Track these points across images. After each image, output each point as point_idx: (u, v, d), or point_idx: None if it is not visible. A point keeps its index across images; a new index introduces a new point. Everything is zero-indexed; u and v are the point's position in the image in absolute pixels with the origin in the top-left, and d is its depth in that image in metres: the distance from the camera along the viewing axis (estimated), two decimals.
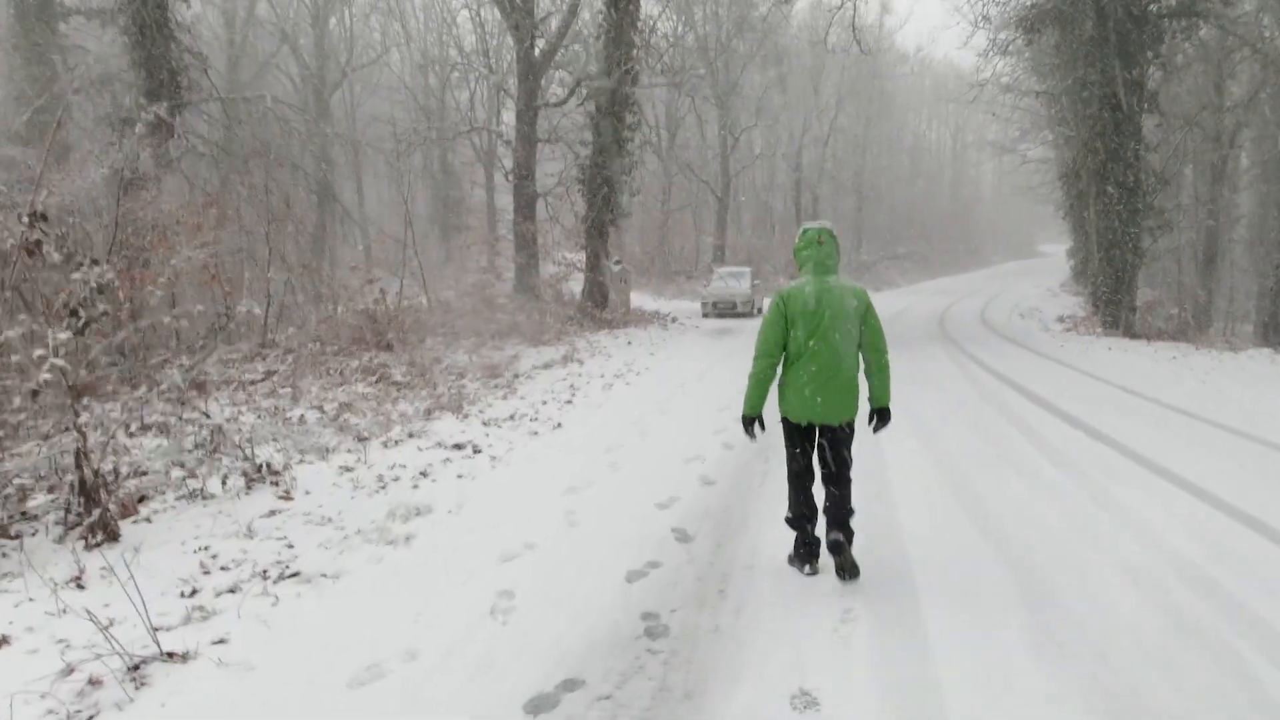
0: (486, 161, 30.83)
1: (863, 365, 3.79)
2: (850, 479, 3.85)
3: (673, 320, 19.44)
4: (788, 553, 4.02)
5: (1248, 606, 3.49)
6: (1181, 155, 21.90)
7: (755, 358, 3.76)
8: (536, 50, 18.57)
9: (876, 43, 37.77)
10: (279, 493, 4.91)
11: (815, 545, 3.87)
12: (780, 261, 35.94)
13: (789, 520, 3.94)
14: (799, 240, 3.86)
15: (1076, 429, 7.14)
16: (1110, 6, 16.12)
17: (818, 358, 3.65)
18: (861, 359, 3.78)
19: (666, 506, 4.95)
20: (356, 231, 26.46)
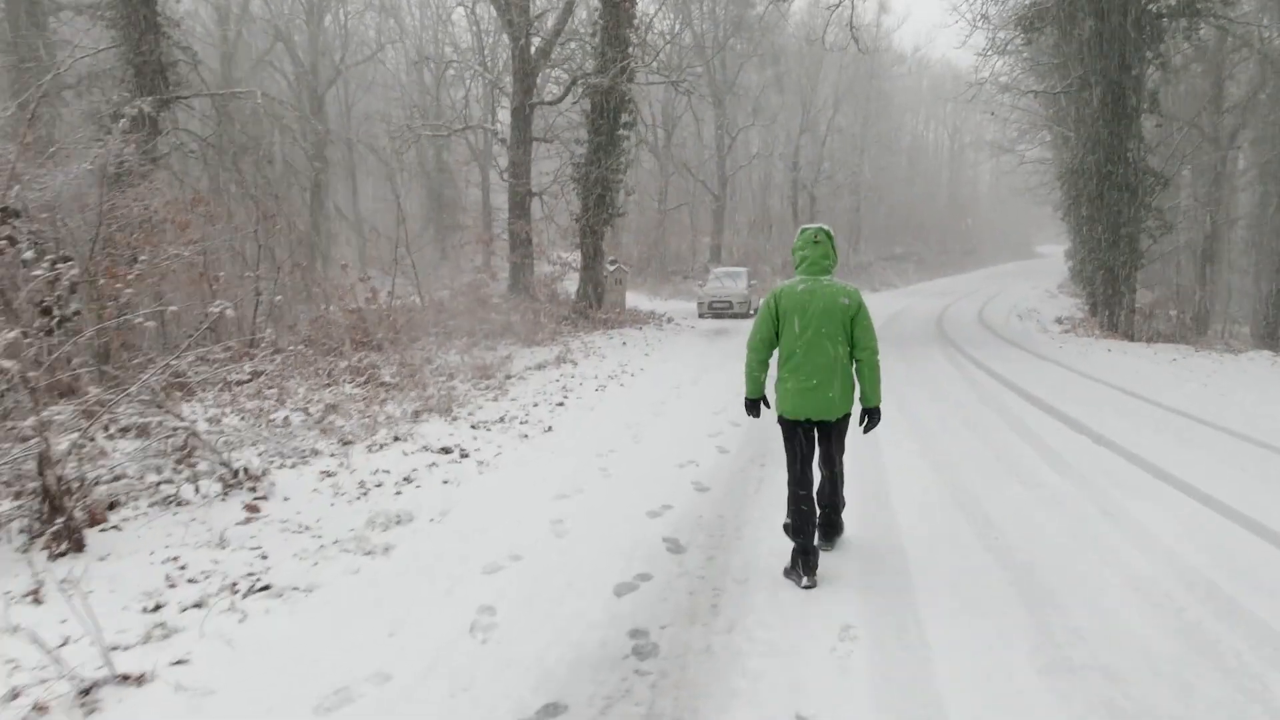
0: (482, 160, 30.66)
1: (854, 364, 3.86)
2: (843, 470, 4.00)
3: (668, 320, 19.25)
4: (784, 565, 3.89)
5: (1259, 617, 3.34)
6: (1180, 156, 21.79)
7: (748, 351, 3.94)
8: (532, 48, 18.38)
9: (874, 42, 37.62)
10: (253, 499, 4.72)
11: (813, 556, 3.77)
12: (777, 262, 35.77)
13: (787, 528, 3.87)
14: (797, 240, 3.93)
15: (1080, 434, 6.97)
16: (1109, 5, 15.98)
17: (810, 355, 3.72)
18: (853, 358, 3.83)
19: (658, 514, 4.78)
20: (347, 230, 26.25)
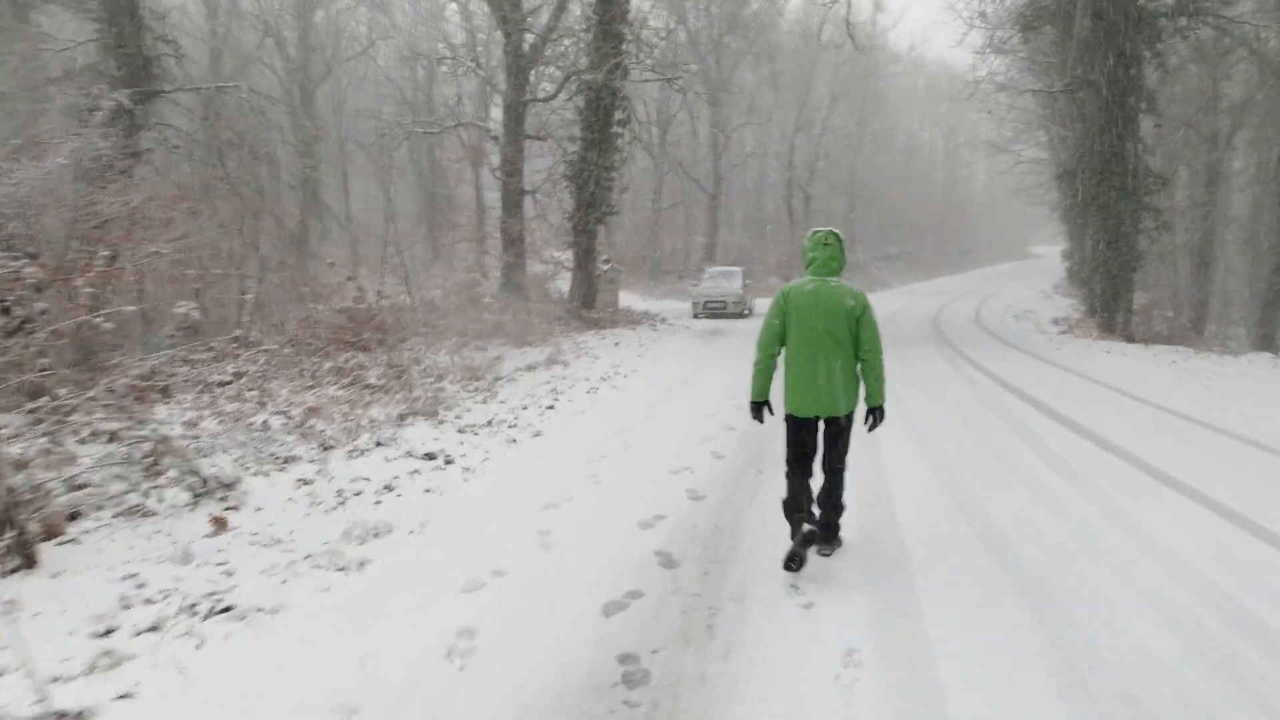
0: (474, 158, 30.34)
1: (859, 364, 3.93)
2: (845, 469, 4.01)
3: (662, 321, 19.01)
4: (783, 581, 3.72)
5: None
6: (1177, 157, 21.66)
7: (757, 349, 3.97)
8: (525, 44, 18.12)
9: (870, 40, 37.43)
10: (224, 510, 4.47)
11: (808, 529, 3.97)
12: (772, 261, 35.59)
13: (784, 504, 4.04)
14: (807, 241, 4.02)
15: (1086, 439, 6.77)
16: (1108, 4, 15.81)
17: (816, 353, 3.80)
18: (858, 358, 3.90)
19: (650, 525, 4.55)
20: (336, 229, 25.93)
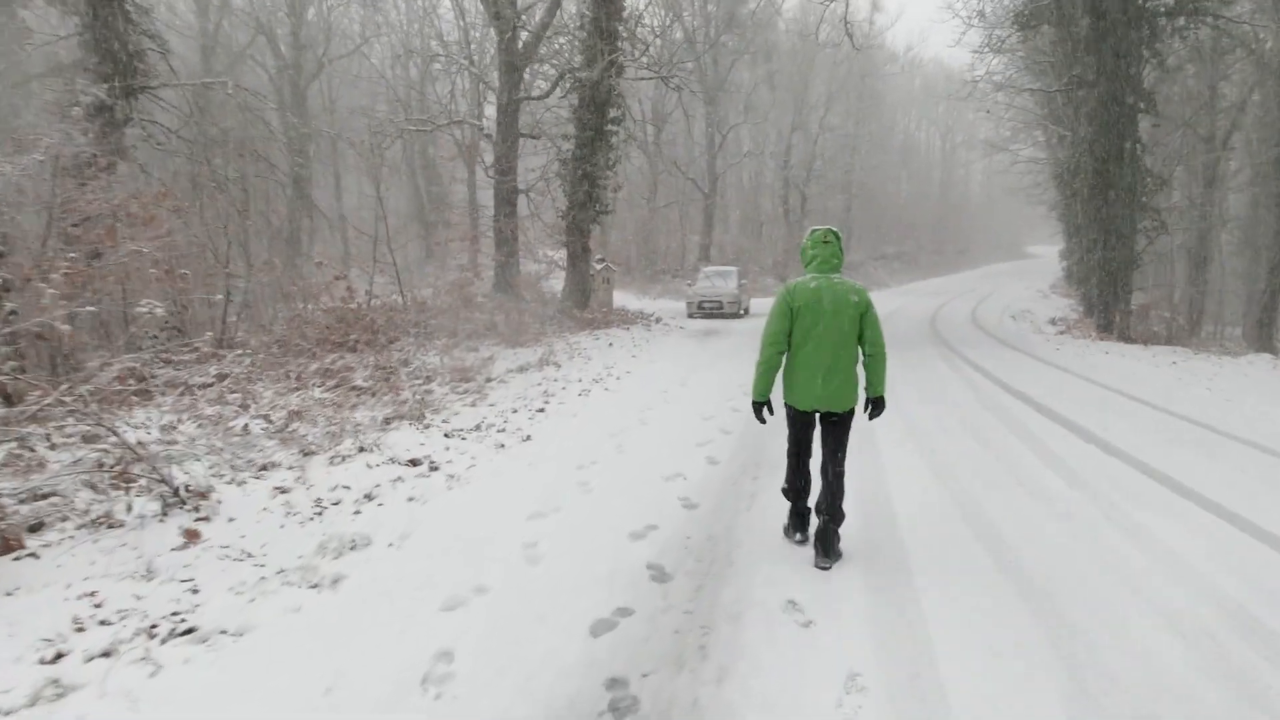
0: (468, 156, 30.09)
1: (860, 357, 4.00)
2: (845, 474, 4.02)
3: (657, 321, 18.81)
4: (781, 596, 3.55)
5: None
6: (1175, 157, 21.54)
7: (762, 347, 4.00)
8: (519, 42, 17.90)
9: (867, 40, 37.25)
10: (194, 521, 4.26)
11: (807, 515, 4.22)
12: (768, 261, 35.41)
13: (784, 490, 4.24)
14: (806, 240, 4.06)
15: (1090, 443, 6.59)
16: (1107, 3, 15.66)
17: (820, 348, 3.87)
18: (860, 352, 3.98)
19: (642, 536, 4.35)
20: (328, 228, 25.66)
